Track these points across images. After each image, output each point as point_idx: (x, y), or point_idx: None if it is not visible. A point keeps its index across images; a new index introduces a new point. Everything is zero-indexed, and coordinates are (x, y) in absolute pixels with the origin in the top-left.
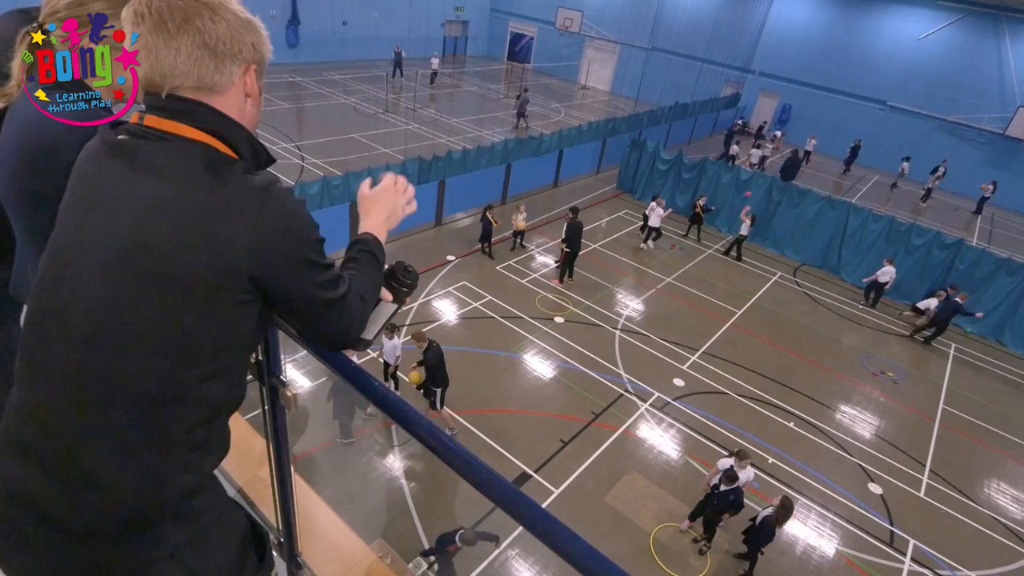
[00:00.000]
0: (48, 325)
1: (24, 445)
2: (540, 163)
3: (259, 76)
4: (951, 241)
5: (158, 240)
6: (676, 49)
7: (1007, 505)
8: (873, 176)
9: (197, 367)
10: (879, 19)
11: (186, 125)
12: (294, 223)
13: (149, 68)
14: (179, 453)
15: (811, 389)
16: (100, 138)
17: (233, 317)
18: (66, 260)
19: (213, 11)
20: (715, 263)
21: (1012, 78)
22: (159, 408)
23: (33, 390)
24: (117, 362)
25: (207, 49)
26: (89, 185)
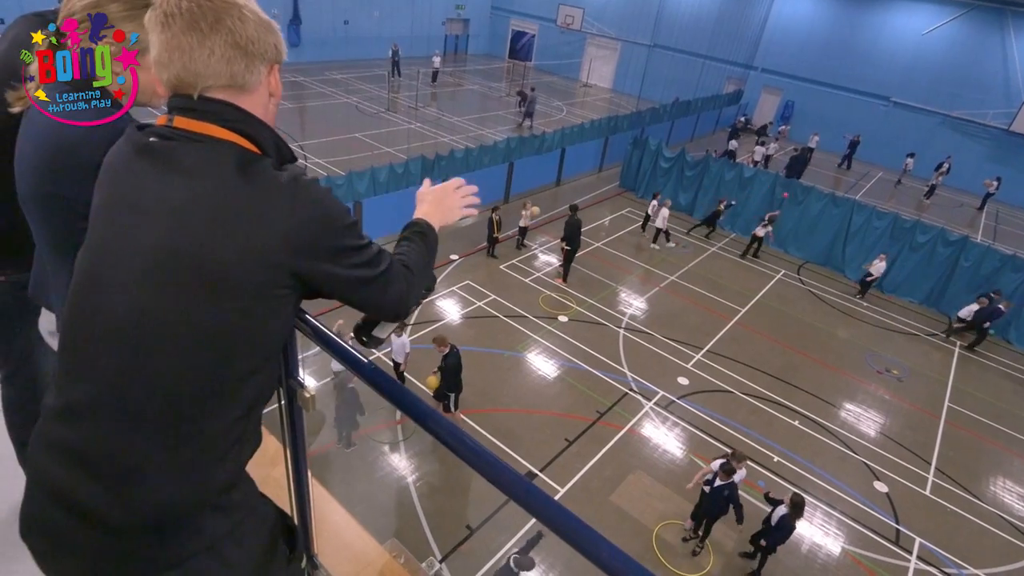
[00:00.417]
0: (89, 328)
1: (65, 446)
2: (542, 161)
3: (278, 75)
4: (955, 238)
5: (195, 240)
6: (678, 46)
7: (1013, 503)
8: (877, 173)
9: (238, 362)
10: (883, 14)
11: (215, 125)
12: (326, 212)
13: (182, 68)
14: (220, 447)
15: (816, 387)
16: (128, 141)
17: (271, 311)
18: (104, 263)
19: (240, 10)
20: (718, 261)
21: (1017, 73)
22: (201, 404)
23: (74, 392)
24: (160, 361)
25: (239, 49)
26: (122, 188)
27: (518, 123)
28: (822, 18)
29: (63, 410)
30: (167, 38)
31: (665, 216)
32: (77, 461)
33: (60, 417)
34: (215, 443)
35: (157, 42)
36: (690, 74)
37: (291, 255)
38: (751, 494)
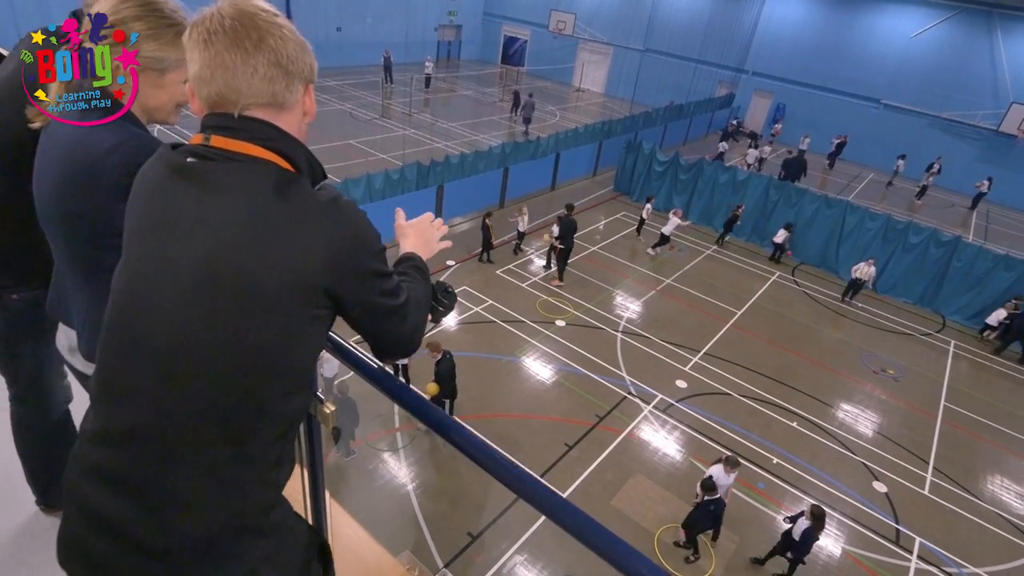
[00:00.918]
0: (129, 349)
1: (106, 471)
2: (537, 166)
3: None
4: (948, 239)
5: (236, 260)
6: (670, 50)
7: (1011, 501)
8: (868, 174)
9: (278, 382)
10: (872, 17)
11: (253, 144)
12: (363, 235)
13: (224, 85)
14: (260, 468)
15: (813, 388)
16: (163, 161)
17: (309, 331)
18: (143, 284)
19: (281, 30)
20: (714, 263)
21: (1005, 74)
22: (243, 425)
23: (114, 415)
24: (203, 383)
25: (280, 67)
26: (159, 209)
27: (522, 131)
28: (812, 21)
29: (102, 434)
30: (210, 55)
31: (675, 224)
32: (118, 486)
33: (99, 441)
34: (256, 465)
35: (199, 59)
36: (682, 78)
37: (328, 275)
38: (756, 498)
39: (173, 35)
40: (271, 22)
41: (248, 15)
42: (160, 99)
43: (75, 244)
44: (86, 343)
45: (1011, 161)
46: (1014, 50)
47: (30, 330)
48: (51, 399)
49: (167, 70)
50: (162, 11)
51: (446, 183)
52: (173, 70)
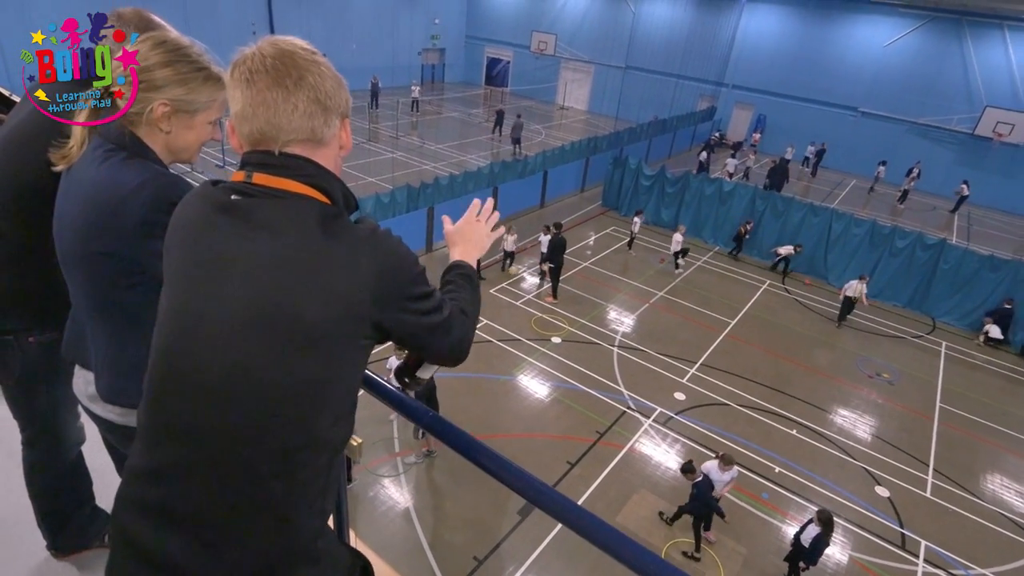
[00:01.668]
0: (182, 385)
1: (158, 507)
2: (526, 185)
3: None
4: (933, 241)
5: (287, 295)
6: (651, 66)
7: (1013, 500)
8: (850, 181)
9: (328, 412)
10: (846, 28)
11: (294, 181)
12: (404, 263)
13: (265, 123)
14: (310, 497)
15: (810, 395)
16: (204, 198)
17: (355, 361)
18: (194, 320)
19: (319, 67)
20: (705, 275)
21: (977, 79)
22: (294, 456)
23: (166, 451)
24: (256, 416)
25: (319, 104)
26: (204, 246)
27: (508, 150)
28: (788, 34)
29: (154, 471)
30: (252, 94)
31: (679, 240)
32: (172, 523)
33: (151, 479)
34: (307, 494)
35: (241, 98)
36: (664, 93)
37: (374, 305)
38: (761, 509)
39: (202, 79)
40: (310, 60)
41: (288, 54)
42: (188, 140)
43: (98, 285)
44: (105, 384)
45: (988, 163)
46: (984, 55)
47: (46, 372)
48: (65, 441)
49: (197, 112)
50: (189, 56)
51: (436, 204)
52: (202, 111)
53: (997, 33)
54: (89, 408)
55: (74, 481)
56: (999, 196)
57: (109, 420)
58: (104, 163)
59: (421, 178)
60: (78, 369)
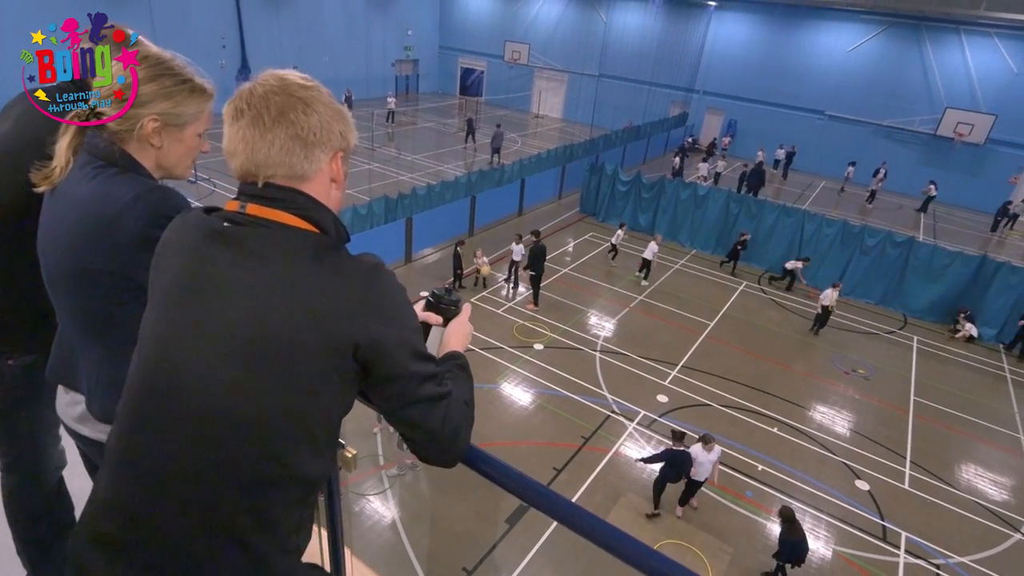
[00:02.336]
0: (159, 414)
1: (117, 540)
2: (503, 193)
3: (344, 162)
4: (902, 239)
5: (275, 326)
6: (624, 74)
7: (986, 489)
8: (820, 182)
9: (306, 446)
10: (811, 34)
11: (286, 212)
12: (400, 307)
13: (245, 159)
14: (282, 534)
15: (789, 393)
16: (195, 224)
17: (340, 396)
18: (177, 348)
19: (306, 104)
20: (682, 277)
21: (937, 82)
22: (268, 490)
23: (132, 482)
24: (232, 449)
25: (298, 140)
26: (195, 272)
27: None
28: (756, 41)
29: (114, 502)
30: (234, 131)
31: (655, 250)
32: (129, 557)
33: (110, 509)
34: (278, 531)
35: (227, 134)
36: (637, 100)
37: (363, 341)
38: (746, 507)
39: (188, 91)
40: (297, 96)
41: (275, 90)
42: (179, 153)
43: (92, 303)
44: (99, 404)
45: (950, 162)
46: (942, 59)
47: (26, 396)
48: (46, 466)
49: (186, 125)
50: (172, 69)
51: (414, 215)
52: (191, 124)
53: (954, 37)
54: (76, 430)
55: (55, 507)
56: (961, 194)
57: (98, 441)
58: (94, 179)
59: (398, 189)
60: (62, 391)
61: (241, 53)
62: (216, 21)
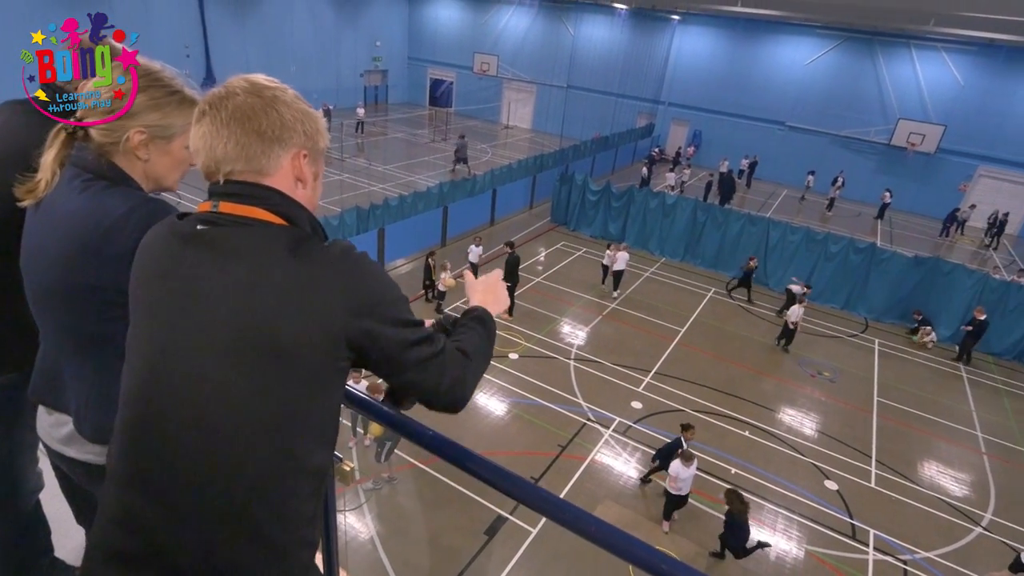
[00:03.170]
0: (159, 425)
1: (137, 555)
2: (475, 203)
3: (311, 162)
4: (864, 246)
5: (265, 320)
6: (591, 86)
7: (948, 485)
8: (782, 191)
9: (309, 437)
10: (771, 48)
11: (260, 208)
12: (378, 281)
13: (206, 155)
14: (299, 528)
15: (758, 396)
16: (169, 230)
17: (335, 383)
18: (169, 355)
19: (266, 102)
20: (652, 285)
21: (890, 94)
22: (279, 485)
23: (144, 495)
24: (239, 448)
25: (255, 134)
26: (175, 278)
27: (451, 169)
28: (719, 54)
29: (129, 517)
30: (196, 130)
31: (626, 259)
32: (156, 571)
33: (127, 525)
34: (295, 524)
35: (191, 133)
36: (605, 111)
37: (351, 324)
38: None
39: (176, 103)
40: (258, 95)
41: (237, 91)
42: (167, 166)
43: (82, 319)
44: (90, 424)
45: (904, 171)
46: (895, 72)
47: (5, 417)
48: (23, 489)
49: (174, 137)
50: (161, 80)
51: (386, 225)
52: (179, 136)
53: (905, 51)
54: (62, 452)
55: (32, 531)
56: (916, 201)
57: (87, 462)
58: (83, 192)
59: (370, 199)
60: (44, 412)
61: (206, 62)
62: (180, 29)
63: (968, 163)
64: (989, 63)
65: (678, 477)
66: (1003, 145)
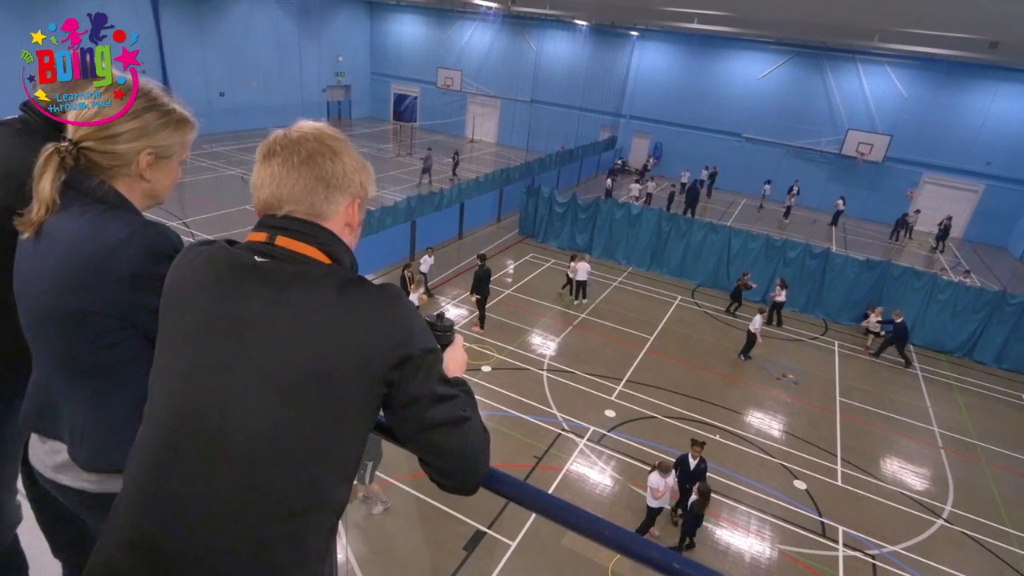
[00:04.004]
0: (194, 450)
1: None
2: (443, 217)
3: (360, 210)
4: (819, 251)
5: (310, 356)
6: (555, 100)
7: (909, 480)
8: (741, 200)
9: (338, 473)
10: (726, 63)
11: (312, 247)
12: (425, 333)
13: (270, 193)
14: (313, 564)
15: (727, 400)
16: (221, 259)
17: (368, 421)
18: (213, 385)
19: (335, 153)
20: (621, 294)
21: (839, 106)
22: (305, 519)
23: (163, 520)
24: (278, 480)
25: (321, 181)
26: (226, 308)
27: (417, 183)
28: (677, 68)
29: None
30: (263, 167)
31: (587, 269)
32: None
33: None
34: (309, 558)
35: (257, 171)
36: (569, 125)
37: (392, 369)
38: None
39: (175, 123)
40: (326, 145)
41: (307, 137)
42: (164, 184)
43: (78, 345)
44: (85, 451)
45: (854, 179)
46: (843, 84)
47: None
48: (2, 522)
49: (173, 156)
50: (159, 100)
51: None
52: (177, 154)
53: (851, 65)
54: (55, 480)
55: (10, 566)
56: (866, 207)
57: (81, 490)
58: (81, 217)
59: None
60: (37, 440)
61: (162, 77)
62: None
63: (914, 170)
64: (930, 76)
65: (657, 488)
66: (945, 153)
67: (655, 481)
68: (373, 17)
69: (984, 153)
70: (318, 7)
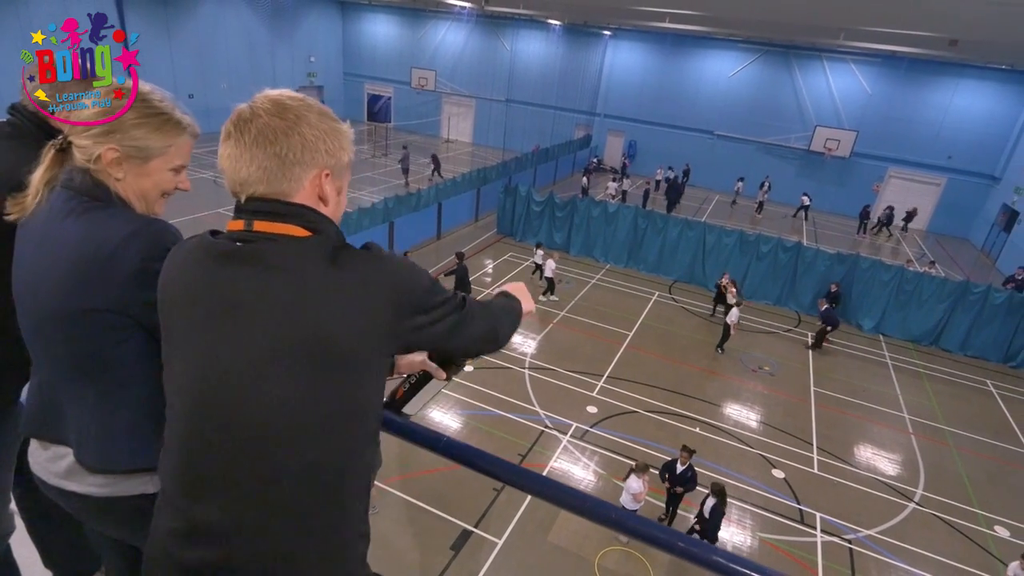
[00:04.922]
0: (220, 437)
1: (203, 567)
2: (421, 218)
3: (334, 179)
4: (791, 245)
5: (314, 328)
6: (530, 99)
7: (882, 466)
8: (715, 196)
9: (364, 432)
10: (698, 61)
11: (290, 224)
12: (415, 275)
13: (232, 176)
14: (358, 521)
15: (705, 393)
16: (206, 249)
17: (380, 378)
18: (222, 370)
19: (289, 126)
20: (599, 291)
21: (807, 103)
22: (340, 482)
23: (208, 507)
24: (305, 450)
25: (276, 158)
26: (215, 296)
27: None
28: (649, 67)
29: (194, 529)
30: (222, 150)
31: (552, 267)
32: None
33: (190, 538)
34: (356, 519)
35: (220, 154)
36: (544, 124)
37: (396, 320)
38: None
39: (157, 124)
40: (280, 117)
41: (260, 112)
42: (144, 186)
43: (83, 345)
44: (93, 453)
45: (823, 174)
46: (810, 82)
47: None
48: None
49: (150, 158)
50: (148, 101)
51: None
52: (156, 158)
53: (818, 63)
54: (60, 486)
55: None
56: (835, 202)
57: (87, 495)
58: (82, 216)
59: None
60: (38, 447)
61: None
62: None
63: (879, 165)
64: (893, 73)
65: (639, 492)
66: (909, 148)
67: (635, 486)
68: (345, 17)
69: (946, 147)
70: (290, 7)
